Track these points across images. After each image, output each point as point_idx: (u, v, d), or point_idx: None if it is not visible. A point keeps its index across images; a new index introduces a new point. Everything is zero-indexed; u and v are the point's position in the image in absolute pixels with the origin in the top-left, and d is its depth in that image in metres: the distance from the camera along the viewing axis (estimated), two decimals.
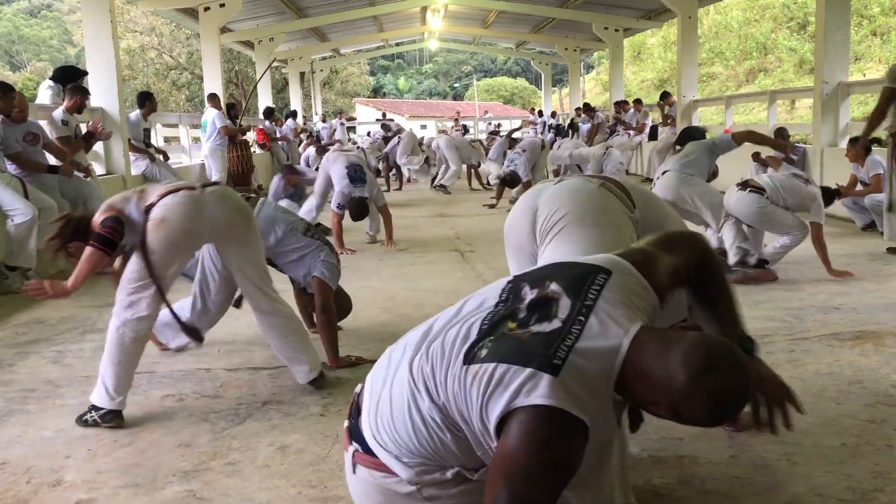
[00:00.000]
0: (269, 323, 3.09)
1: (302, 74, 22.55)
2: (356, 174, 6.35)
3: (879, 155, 6.49)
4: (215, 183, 3.01)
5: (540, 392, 1.30)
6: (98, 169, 7.18)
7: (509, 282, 1.56)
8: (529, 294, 1.48)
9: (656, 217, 2.33)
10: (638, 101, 14.46)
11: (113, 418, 2.78)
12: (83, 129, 6.68)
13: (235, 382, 3.24)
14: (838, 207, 7.04)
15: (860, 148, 6.29)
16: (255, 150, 12.58)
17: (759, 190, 4.76)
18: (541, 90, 31.15)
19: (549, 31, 19.76)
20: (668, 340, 1.34)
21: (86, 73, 7.29)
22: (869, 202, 6.38)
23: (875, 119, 5.82)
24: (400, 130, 14.35)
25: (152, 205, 2.81)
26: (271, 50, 16.13)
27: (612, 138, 14.23)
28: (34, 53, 49.34)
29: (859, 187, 6.59)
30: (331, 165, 6.59)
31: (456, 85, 57.98)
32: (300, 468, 2.40)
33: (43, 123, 6.08)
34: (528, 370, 1.32)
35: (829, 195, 5.23)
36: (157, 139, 9.76)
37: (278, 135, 13.68)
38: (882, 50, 20.61)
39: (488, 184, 12.11)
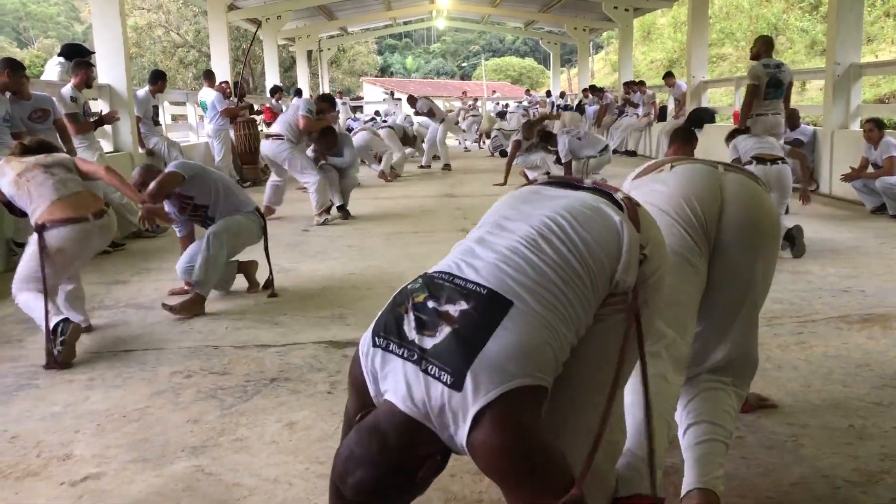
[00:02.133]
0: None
1: (309, 53, 22.40)
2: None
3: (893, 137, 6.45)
4: (103, 212, 3.49)
5: None
6: (106, 146, 7.17)
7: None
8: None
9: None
10: (641, 83, 14.37)
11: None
12: (92, 106, 6.64)
13: (243, 359, 3.26)
14: (848, 190, 7.01)
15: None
16: (263, 128, 12.54)
17: (783, 160, 4.80)
18: (549, 70, 30.90)
19: (558, 11, 19.56)
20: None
21: (92, 53, 7.26)
22: (880, 185, 6.31)
23: (745, 112, 6.66)
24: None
25: (44, 225, 3.29)
26: (279, 28, 16.03)
27: (620, 119, 14.18)
28: (41, 30, 49.19)
29: (870, 170, 6.56)
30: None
31: (464, 64, 57.56)
32: (308, 444, 2.41)
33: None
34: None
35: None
36: (164, 117, 9.74)
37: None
38: (895, 31, 20.36)
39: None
